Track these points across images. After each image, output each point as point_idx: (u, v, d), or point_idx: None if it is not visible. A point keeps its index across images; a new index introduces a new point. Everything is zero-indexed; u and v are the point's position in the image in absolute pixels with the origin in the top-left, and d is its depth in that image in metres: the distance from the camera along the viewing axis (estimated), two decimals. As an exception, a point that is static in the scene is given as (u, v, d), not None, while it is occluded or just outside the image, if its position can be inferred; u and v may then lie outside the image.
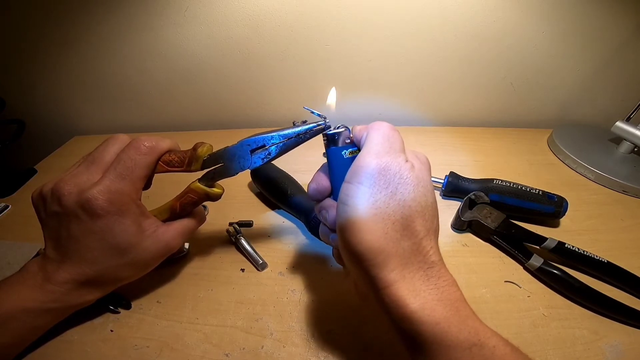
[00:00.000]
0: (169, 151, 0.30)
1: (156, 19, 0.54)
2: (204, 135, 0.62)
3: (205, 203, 0.44)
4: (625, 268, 0.35)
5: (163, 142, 0.29)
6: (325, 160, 0.27)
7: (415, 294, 0.21)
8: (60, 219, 0.26)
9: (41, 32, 0.55)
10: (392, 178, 0.22)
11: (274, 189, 0.44)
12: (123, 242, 0.27)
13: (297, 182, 0.44)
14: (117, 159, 0.27)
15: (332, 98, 0.30)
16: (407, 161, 0.23)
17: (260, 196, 0.47)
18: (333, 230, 0.26)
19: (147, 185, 0.31)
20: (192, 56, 0.58)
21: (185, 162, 0.29)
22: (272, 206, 0.45)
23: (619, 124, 0.53)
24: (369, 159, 0.23)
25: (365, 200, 0.22)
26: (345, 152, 0.26)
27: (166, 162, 0.29)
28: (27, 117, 0.55)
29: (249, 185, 0.49)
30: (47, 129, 0.65)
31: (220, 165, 0.29)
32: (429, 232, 0.22)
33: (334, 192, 0.27)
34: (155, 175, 0.30)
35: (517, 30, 0.56)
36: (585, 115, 0.67)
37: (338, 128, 0.26)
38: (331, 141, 0.26)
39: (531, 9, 0.54)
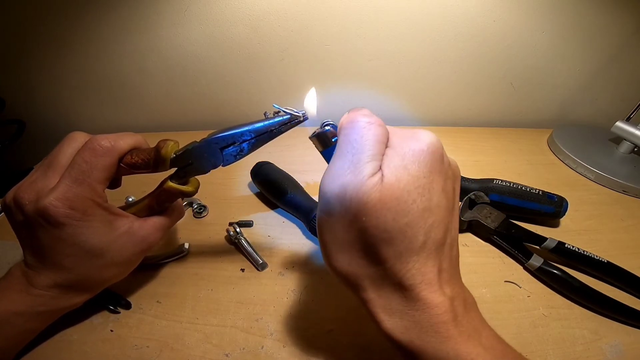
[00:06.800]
0: (132, 150, 0.27)
1: (156, 18, 0.54)
2: (204, 135, 0.62)
3: (204, 204, 0.45)
4: (625, 268, 0.35)
5: (123, 141, 0.26)
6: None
7: (390, 313, 0.20)
8: (28, 228, 0.25)
9: (41, 32, 0.55)
10: (349, 204, 0.19)
11: (274, 189, 0.44)
12: (96, 244, 0.26)
13: (297, 182, 0.44)
14: (72, 162, 0.25)
15: (311, 102, 0.27)
16: (373, 175, 0.19)
17: (260, 196, 0.47)
18: None
19: (116, 184, 0.30)
20: (192, 56, 0.58)
21: (151, 163, 0.27)
22: (272, 206, 0.45)
23: (619, 124, 0.53)
24: (326, 182, 0.20)
25: (327, 229, 0.21)
26: None
27: (130, 165, 0.27)
28: (27, 117, 0.55)
29: (249, 185, 0.49)
30: (47, 129, 0.65)
31: (190, 163, 0.27)
32: (402, 255, 0.19)
33: None
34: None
35: (517, 30, 0.56)
36: (585, 115, 0.67)
37: (324, 126, 0.24)
38: (322, 143, 0.24)
39: (531, 8, 0.54)
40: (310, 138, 0.25)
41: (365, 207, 0.19)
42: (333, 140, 0.24)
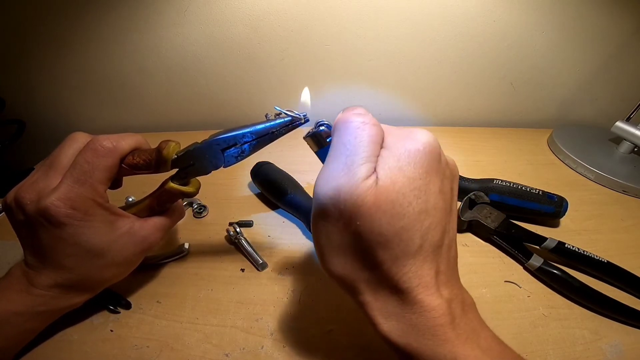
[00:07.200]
0: (134, 150, 0.27)
1: (156, 18, 0.54)
2: (204, 135, 0.62)
3: (205, 204, 0.45)
4: (625, 268, 0.35)
5: (124, 142, 0.26)
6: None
7: (387, 316, 0.20)
8: (28, 227, 0.25)
9: (41, 32, 0.55)
10: (343, 207, 0.18)
11: (274, 189, 0.44)
12: (97, 244, 0.26)
13: (297, 182, 0.44)
14: (73, 163, 0.25)
15: (305, 97, 0.28)
16: (368, 177, 0.18)
17: (260, 196, 0.47)
18: None
19: (117, 184, 0.30)
20: (192, 56, 0.58)
21: (152, 164, 0.27)
22: (272, 206, 0.45)
23: (619, 124, 0.53)
24: (320, 184, 0.19)
25: (321, 233, 0.20)
26: None
27: (131, 165, 0.27)
28: (27, 117, 0.55)
29: (249, 185, 0.49)
30: (47, 129, 0.65)
31: (191, 164, 0.27)
32: (398, 259, 0.19)
33: None
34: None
35: (517, 30, 0.56)
36: (585, 115, 0.67)
37: (319, 126, 0.24)
38: (316, 143, 0.24)
39: (531, 8, 0.54)
40: (304, 138, 0.25)
41: (360, 210, 0.18)
42: (328, 140, 0.24)
